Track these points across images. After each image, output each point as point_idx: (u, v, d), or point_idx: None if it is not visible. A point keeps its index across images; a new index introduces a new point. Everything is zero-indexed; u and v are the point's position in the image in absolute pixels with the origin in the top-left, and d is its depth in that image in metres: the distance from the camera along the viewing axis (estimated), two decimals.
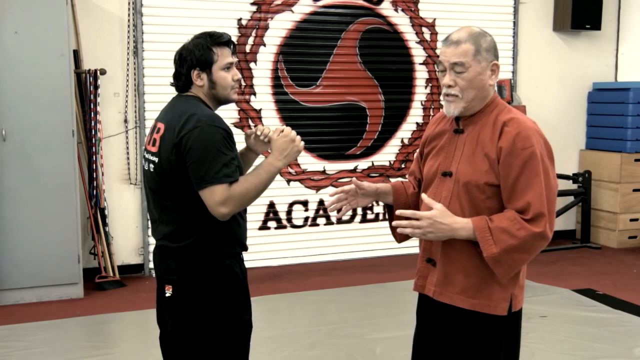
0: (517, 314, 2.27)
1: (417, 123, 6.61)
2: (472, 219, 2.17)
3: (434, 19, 6.56)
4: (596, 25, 6.96)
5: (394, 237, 2.52)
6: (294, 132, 2.47)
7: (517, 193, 2.13)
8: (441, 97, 2.30)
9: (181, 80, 2.46)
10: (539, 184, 2.12)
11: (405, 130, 6.59)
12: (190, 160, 2.29)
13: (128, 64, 5.71)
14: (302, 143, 2.48)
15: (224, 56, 2.42)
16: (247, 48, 5.99)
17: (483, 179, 2.18)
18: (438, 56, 2.30)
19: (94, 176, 5.52)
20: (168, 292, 2.40)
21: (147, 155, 2.46)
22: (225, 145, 2.31)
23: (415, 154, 2.55)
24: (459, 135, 2.29)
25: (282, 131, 2.47)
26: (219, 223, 2.35)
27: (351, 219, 6.47)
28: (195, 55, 2.40)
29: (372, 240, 6.52)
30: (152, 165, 2.41)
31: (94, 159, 5.52)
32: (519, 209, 2.13)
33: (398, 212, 2.25)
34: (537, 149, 2.14)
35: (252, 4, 5.99)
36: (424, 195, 2.24)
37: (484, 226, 2.14)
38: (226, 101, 2.49)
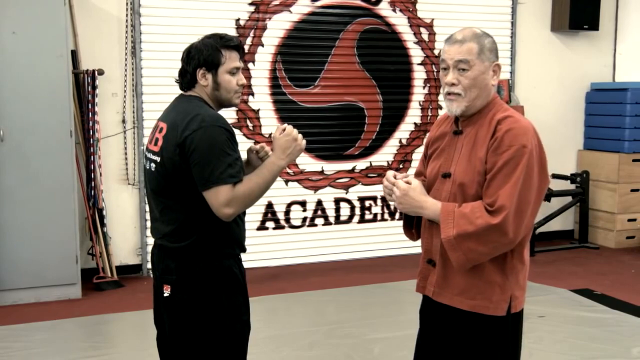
0: (517, 315, 2.27)
1: (415, 123, 6.61)
2: (443, 203, 2.20)
3: (432, 19, 6.56)
4: (594, 25, 6.97)
5: (409, 237, 2.54)
6: (295, 131, 2.47)
7: (491, 187, 2.14)
8: (440, 97, 2.31)
9: (186, 78, 2.46)
10: (514, 180, 2.10)
11: (404, 131, 6.59)
12: (194, 160, 2.28)
13: (126, 64, 5.70)
14: (304, 141, 2.48)
15: (231, 60, 2.42)
16: (245, 48, 5.99)
17: (477, 180, 2.19)
18: (437, 56, 2.31)
19: (92, 176, 5.51)
20: (166, 292, 2.40)
21: (148, 155, 2.46)
22: (229, 146, 2.31)
23: (421, 156, 2.56)
24: (458, 136, 2.30)
25: (284, 130, 2.47)
26: (219, 224, 2.35)
27: (349, 219, 6.48)
28: (203, 55, 2.40)
29: (371, 240, 6.53)
30: (153, 165, 2.41)
31: (92, 159, 5.51)
32: (489, 202, 2.13)
33: (388, 173, 2.32)
34: (526, 147, 2.13)
35: (250, 4, 5.99)
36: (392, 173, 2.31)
37: (450, 210, 2.16)
38: (228, 104, 2.49)
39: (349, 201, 6.48)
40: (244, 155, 2.52)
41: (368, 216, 6.55)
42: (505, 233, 2.10)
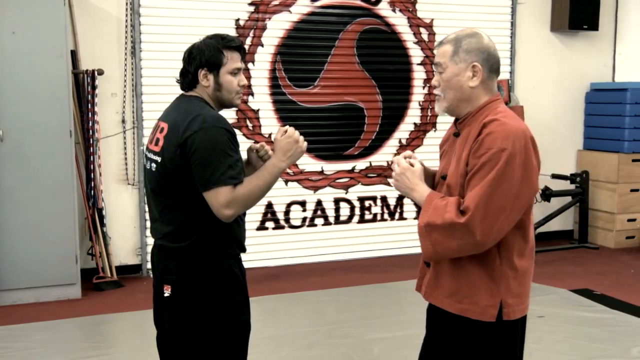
0: (512, 323, 2.22)
1: (414, 123, 6.62)
2: (431, 191, 2.23)
3: (432, 20, 6.57)
4: (594, 25, 6.97)
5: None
6: (297, 133, 2.47)
7: (467, 188, 2.14)
8: None
9: (187, 78, 2.45)
10: (484, 182, 2.07)
11: (403, 131, 6.60)
12: (195, 161, 2.28)
13: (126, 64, 5.70)
14: (305, 144, 2.48)
15: (233, 60, 2.43)
16: (245, 48, 5.98)
17: (460, 182, 2.18)
18: None
19: (92, 176, 5.51)
20: (167, 292, 2.39)
21: (149, 155, 2.45)
22: (230, 147, 2.31)
23: None
24: (457, 138, 2.30)
25: (286, 131, 2.47)
26: (219, 224, 2.34)
27: (349, 219, 6.48)
28: (205, 55, 2.40)
29: (371, 240, 6.53)
30: (154, 165, 2.41)
31: (92, 159, 5.51)
32: (462, 201, 2.13)
33: (404, 153, 2.37)
34: (504, 150, 2.07)
35: (250, 4, 5.99)
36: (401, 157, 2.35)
37: (431, 199, 2.18)
38: (230, 105, 2.50)
39: (348, 201, 6.48)
40: (244, 155, 2.52)
41: (368, 216, 6.55)
42: (471, 233, 2.07)
